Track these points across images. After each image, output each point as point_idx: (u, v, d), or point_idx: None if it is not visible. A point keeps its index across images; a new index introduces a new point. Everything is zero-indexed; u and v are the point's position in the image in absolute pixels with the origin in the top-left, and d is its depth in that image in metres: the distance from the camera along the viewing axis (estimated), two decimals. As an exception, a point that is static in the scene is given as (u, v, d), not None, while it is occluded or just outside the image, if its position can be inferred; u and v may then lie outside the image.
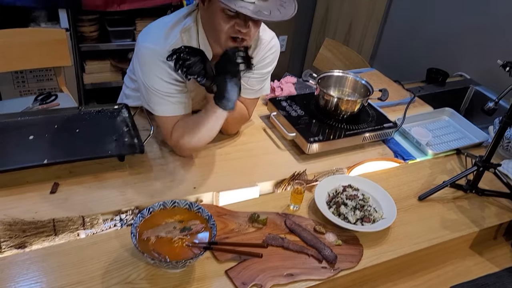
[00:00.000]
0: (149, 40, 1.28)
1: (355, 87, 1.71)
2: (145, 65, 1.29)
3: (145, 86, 1.32)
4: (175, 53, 1.19)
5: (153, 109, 1.35)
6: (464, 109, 2.19)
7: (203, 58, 1.22)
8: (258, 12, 1.12)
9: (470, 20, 2.28)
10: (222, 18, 1.19)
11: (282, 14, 1.17)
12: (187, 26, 1.30)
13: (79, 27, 2.75)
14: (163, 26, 1.30)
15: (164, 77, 1.28)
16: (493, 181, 1.44)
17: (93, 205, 1.19)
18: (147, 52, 1.28)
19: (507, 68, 1.25)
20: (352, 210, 1.24)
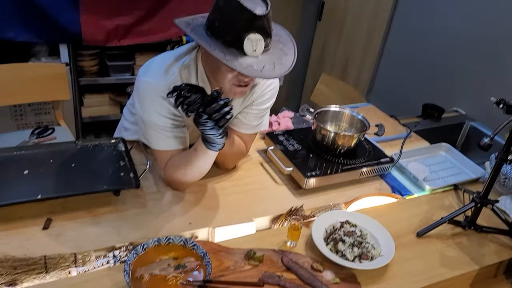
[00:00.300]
0: (149, 75, 1.30)
1: (352, 122, 1.72)
2: (144, 99, 1.30)
3: (143, 120, 1.32)
4: (175, 90, 1.20)
5: (150, 142, 1.36)
6: (461, 145, 2.20)
7: (203, 94, 1.23)
8: (264, 70, 1.13)
9: (465, 57, 2.33)
10: (226, 69, 1.20)
11: (285, 65, 1.19)
12: (187, 64, 1.32)
13: (79, 61, 2.80)
14: (163, 62, 1.32)
15: (163, 111, 1.29)
16: (491, 217, 1.43)
17: (86, 242, 1.17)
18: (146, 87, 1.29)
19: (501, 105, 1.26)
20: (350, 247, 1.22)
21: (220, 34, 1.14)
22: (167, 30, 2.82)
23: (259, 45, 1.14)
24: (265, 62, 1.16)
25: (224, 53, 1.12)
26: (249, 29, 1.11)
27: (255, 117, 1.48)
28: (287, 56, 1.22)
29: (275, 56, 1.19)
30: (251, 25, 1.10)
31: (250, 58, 1.14)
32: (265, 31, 1.13)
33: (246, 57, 1.14)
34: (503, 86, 2.11)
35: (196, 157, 1.28)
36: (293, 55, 1.23)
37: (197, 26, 1.20)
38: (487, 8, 2.17)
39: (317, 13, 3.35)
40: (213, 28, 1.15)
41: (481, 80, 2.24)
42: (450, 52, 2.40)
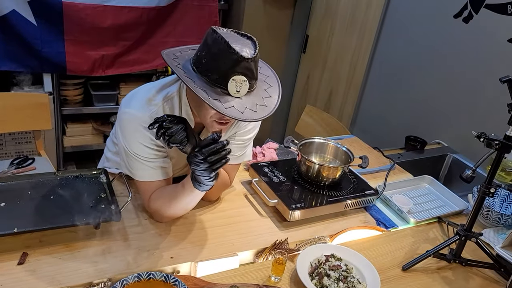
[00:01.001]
0: (131, 106, 1.29)
1: (336, 154, 1.73)
2: (126, 130, 1.29)
3: (125, 151, 1.31)
4: (156, 122, 1.19)
5: (133, 173, 1.34)
6: (443, 176, 2.22)
7: (185, 125, 1.22)
8: (245, 112, 1.13)
9: (446, 90, 2.38)
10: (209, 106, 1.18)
11: (268, 107, 1.19)
12: (170, 95, 1.31)
13: (63, 90, 2.78)
14: (146, 93, 1.32)
15: (145, 142, 1.28)
16: (475, 251, 1.43)
17: (62, 278, 1.12)
18: (128, 118, 1.28)
19: (482, 139, 1.28)
20: (335, 281, 1.20)
21: (206, 71, 1.14)
22: (152, 60, 2.83)
23: (244, 87, 1.14)
24: (248, 104, 1.15)
25: (208, 91, 1.12)
26: (235, 71, 1.11)
27: (238, 148, 1.47)
28: (271, 98, 1.22)
29: (259, 98, 1.19)
30: (237, 66, 1.10)
31: (233, 99, 1.14)
32: (251, 73, 1.14)
33: (229, 97, 1.13)
34: (484, 119, 2.16)
35: (183, 193, 1.26)
36: (277, 97, 1.23)
37: (184, 60, 1.20)
38: (468, 44, 2.24)
39: (301, 45, 3.42)
40: (200, 65, 1.15)
41: (463, 113, 2.29)
42: (432, 85, 2.46)
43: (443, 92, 2.40)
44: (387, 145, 2.23)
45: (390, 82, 2.74)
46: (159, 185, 1.34)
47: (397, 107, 2.70)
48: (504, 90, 1.24)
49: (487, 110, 2.16)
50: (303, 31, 3.39)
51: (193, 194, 1.25)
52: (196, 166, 1.14)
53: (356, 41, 2.92)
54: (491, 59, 2.13)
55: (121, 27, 2.58)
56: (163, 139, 1.19)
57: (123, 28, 2.60)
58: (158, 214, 1.36)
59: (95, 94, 2.86)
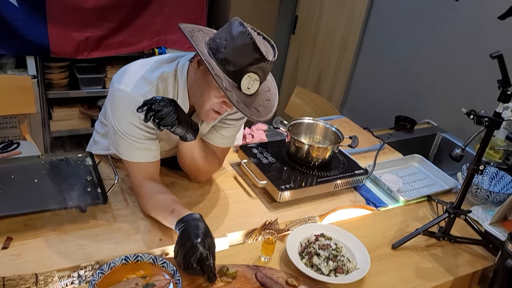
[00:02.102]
0: (124, 83, 1.25)
1: (326, 134, 1.71)
2: (118, 108, 1.25)
3: (114, 129, 1.27)
4: (145, 104, 1.16)
5: (121, 153, 1.31)
6: (433, 156, 2.23)
7: (176, 107, 1.20)
8: (252, 110, 1.16)
9: (435, 70, 2.37)
10: (215, 94, 1.20)
11: (268, 109, 1.23)
12: (166, 75, 1.28)
13: (47, 74, 2.71)
14: (139, 70, 1.28)
15: (135, 122, 1.25)
16: (464, 228, 1.44)
17: (49, 261, 1.11)
18: (121, 95, 1.24)
19: (471, 116, 1.27)
20: (325, 260, 1.20)
21: (223, 61, 1.13)
22: (139, 42, 2.78)
23: (254, 85, 1.16)
24: (253, 102, 1.18)
25: (224, 81, 1.12)
26: (252, 69, 1.12)
27: (229, 131, 1.45)
28: (270, 101, 1.26)
29: (261, 99, 1.22)
30: (257, 65, 1.12)
31: (242, 94, 1.15)
32: (264, 75, 1.17)
33: (240, 92, 1.14)
34: (474, 98, 2.16)
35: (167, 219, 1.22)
36: (275, 100, 1.28)
37: (198, 41, 1.17)
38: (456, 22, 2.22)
39: (290, 26, 3.38)
40: (218, 52, 1.13)
41: (452, 92, 2.28)
42: (422, 65, 2.45)
43: (433, 72, 2.39)
44: (377, 126, 2.22)
45: (380, 62, 2.73)
46: (146, 167, 1.32)
47: (387, 87, 2.69)
48: (493, 69, 1.23)
49: (476, 89, 2.15)
50: (292, 11, 3.34)
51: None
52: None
53: (346, 21, 2.88)
54: (481, 37, 2.12)
55: (105, 8, 2.52)
56: (152, 121, 1.17)
57: (107, 9, 2.53)
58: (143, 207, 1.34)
59: (81, 78, 2.80)
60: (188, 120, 1.25)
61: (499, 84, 1.21)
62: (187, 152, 1.35)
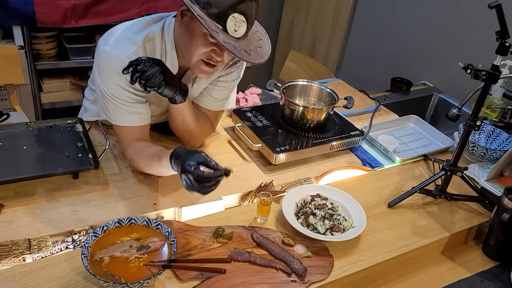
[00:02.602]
0: (109, 45, 1.21)
1: (320, 96, 1.68)
2: (104, 71, 1.22)
3: (103, 93, 1.24)
4: (131, 66, 1.13)
5: (111, 118, 1.28)
6: (429, 117, 2.21)
7: (162, 68, 1.16)
8: (241, 52, 1.13)
9: (431, 30, 2.32)
10: (202, 42, 1.16)
11: (260, 55, 1.20)
12: (152, 34, 1.24)
13: (35, 44, 2.64)
14: (125, 31, 1.24)
15: (123, 84, 1.22)
16: (461, 186, 1.43)
17: (42, 227, 1.09)
18: (107, 58, 1.21)
19: (468, 71, 1.24)
20: (321, 220, 1.19)
21: (205, 4, 1.09)
22: (128, 10, 2.70)
23: (241, 27, 1.12)
24: (243, 46, 1.15)
25: (209, 23, 1.08)
26: (237, 9, 1.09)
27: (221, 93, 1.42)
28: (262, 48, 1.22)
29: (252, 45, 1.19)
30: (240, 5, 1.09)
31: (230, 38, 1.11)
32: (250, 16, 1.13)
33: (227, 35, 1.11)
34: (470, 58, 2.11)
35: (159, 166, 1.19)
36: (267, 49, 1.24)
37: None
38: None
39: (284, -10, 3.29)
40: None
41: (448, 53, 2.24)
42: (417, 26, 2.39)
43: (429, 33, 2.34)
44: (373, 89, 2.19)
45: (375, 25, 2.67)
46: (136, 131, 1.29)
47: (382, 50, 2.64)
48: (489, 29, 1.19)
49: (472, 50, 2.11)
50: (285, -26, 3.25)
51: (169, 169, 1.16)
52: (185, 185, 1.05)
53: (340, -18, 2.81)
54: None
55: (91, -28, 2.43)
56: (139, 83, 1.14)
57: (93, -26, 2.45)
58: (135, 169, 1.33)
59: (69, 47, 2.73)
60: (177, 81, 1.21)
61: (497, 35, 1.17)
62: (177, 115, 1.32)
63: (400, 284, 1.18)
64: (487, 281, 1.21)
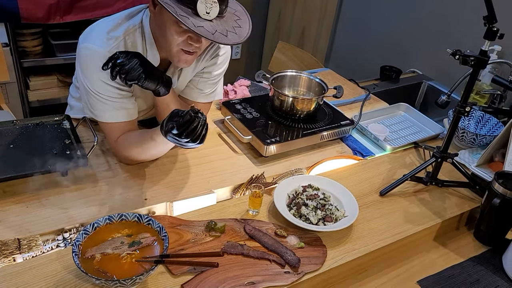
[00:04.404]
0: (90, 40, 1.19)
1: (310, 86, 1.68)
2: (87, 67, 1.20)
3: (86, 90, 1.22)
4: (110, 61, 1.12)
5: (96, 115, 1.26)
6: (419, 104, 2.22)
7: (142, 60, 1.15)
8: (216, 34, 1.08)
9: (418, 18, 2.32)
10: (176, 30, 1.13)
11: (238, 35, 1.14)
12: (132, 28, 1.22)
13: (20, 41, 2.60)
14: (105, 26, 1.22)
15: (106, 80, 1.20)
16: (451, 172, 1.44)
17: (31, 226, 1.08)
18: (88, 54, 1.19)
19: (457, 57, 1.24)
20: (313, 210, 1.19)
21: None
22: (113, 4, 2.65)
23: (214, 9, 1.08)
24: (218, 28, 1.10)
25: (176, 9, 1.05)
26: None
27: (207, 84, 1.41)
28: (241, 28, 1.17)
29: (229, 26, 1.14)
30: None
31: (203, 21, 1.08)
32: None
33: (199, 19, 1.07)
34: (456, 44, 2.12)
35: (154, 145, 1.19)
36: (247, 28, 1.19)
37: None
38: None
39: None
40: None
41: (437, 40, 2.24)
42: (405, 13, 2.39)
43: (417, 20, 2.33)
44: (363, 78, 2.19)
45: (363, 13, 2.66)
46: (124, 127, 1.28)
47: (371, 38, 2.64)
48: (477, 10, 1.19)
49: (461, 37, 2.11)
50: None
51: (167, 145, 1.18)
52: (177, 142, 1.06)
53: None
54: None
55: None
56: (119, 77, 1.12)
57: (77, -32, 2.41)
58: (126, 159, 1.31)
59: (55, 44, 2.69)
60: (158, 72, 1.20)
61: (485, 20, 1.17)
62: (164, 109, 1.30)
63: (394, 271, 1.19)
64: (479, 265, 1.22)
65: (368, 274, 1.17)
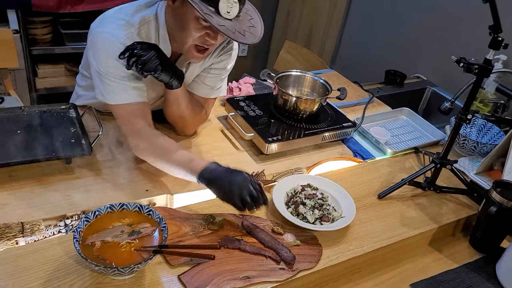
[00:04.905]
0: (105, 26, 1.21)
1: (314, 87, 1.69)
2: (102, 49, 1.20)
3: (99, 74, 1.21)
4: (127, 50, 1.14)
5: (107, 98, 1.24)
6: (422, 110, 2.23)
7: (159, 52, 1.18)
8: (236, 33, 1.12)
9: (426, 24, 2.33)
10: (194, 26, 1.16)
11: (254, 35, 1.18)
12: (147, 18, 1.24)
13: (30, 29, 2.63)
14: (119, 14, 1.23)
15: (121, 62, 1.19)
16: (450, 178, 1.45)
17: (35, 211, 1.11)
18: (104, 37, 1.19)
19: (461, 64, 1.25)
20: (311, 209, 1.21)
21: None
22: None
23: (234, 8, 1.11)
24: (236, 27, 1.13)
25: (201, 7, 1.07)
26: None
27: (214, 80, 1.43)
28: (255, 28, 1.20)
29: (245, 25, 1.17)
30: None
31: (224, 20, 1.11)
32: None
33: (221, 18, 1.10)
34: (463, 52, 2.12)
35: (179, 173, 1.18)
36: (260, 27, 1.22)
37: None
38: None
39: (280, -21, 3.28)
40: None
41: (443, 46, 2.25)
42: (413, 19, 2.40)
43: (423, 26, 2.34)
44: (368, 81, 2.20)
45: (371, 16, 2.67)
46: (138, 109, 1.25)
47: (378, 42, 2.65)
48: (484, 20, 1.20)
49: (466, 43, 2.12)
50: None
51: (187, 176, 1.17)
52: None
53: (337, -27, 2.80)
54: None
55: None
56: (135, 67, 1.14)
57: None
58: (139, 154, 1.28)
59: (65, 33, 2.72)
60: (172, 66, 1.22)
61: (490, 30, 1.18)
62: (173, 101, 1.33)
63: (388, 274, 1.20)
64: (473, 272, 1.23)
65: (362, 275, 1.19)
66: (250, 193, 1.08)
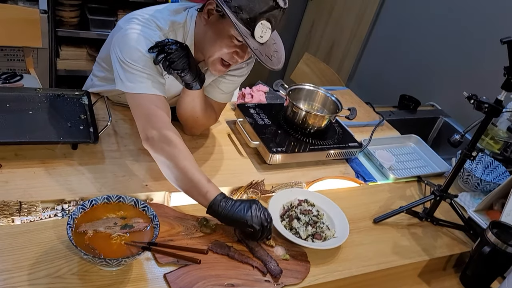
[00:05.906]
0: (136, 25, 1.23)
1: (325, 103, 1.70)
2: (130, 41, 1.20)
3: (125, 63, 1.20)
4: (157, 46, 1.16)
5: (129, 87, 1.21)
6: (432, 139, 2.21)
7: (188, 53, 1.21)
8: (265, 57, 1.18)
9: (446, 53, 2.32)
10: (227, 43, 1.20)
11: (278, 60, 1.25)
12: (177, 25, 1.27)
13: (59, 11, 2.68)
14: (150, 16, 1.26)
15: (147, 54, 1.20)
16: (449, 212, 1.44)
17: (34, 192, 1.13)
18: (135, 32, 1.21)
19: (472, 101, 1.25)
20: (304, 225, 1.21)
21: (237, 8, 1.12)
22: (153, -12, 2.72)
23: (267, 33, 1.16)
24: (265, 51, 1.18)
25: (240, 29, 1.12)
26: (266, 16, 1.13)
27: (228, 86, 1.45)
28: (278, 53, 1.27)
29: (272, 50, 1.23)
30: (270, 12, 1.13)
31: (256, 43, 1.16)
32: (275, 22, 1.17)
33: (254, 40, 1.15)
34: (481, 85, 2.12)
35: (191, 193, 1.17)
36: (282, 53, 1.29)
37: None
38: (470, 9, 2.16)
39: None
40: (232, 0, 1.13)
41: (460, 77, 2.24)
42: (432, 48, 2.39)
43: (443, 56, 2.34)
44: (382, 103, 2.20)
45: (393, 40, 2.67)
46: (156, 102, 1.22)
47: (396, 66, 2.65)
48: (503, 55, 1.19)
49: (484, 76, 2.11)
50: (312, -23, 3.25)
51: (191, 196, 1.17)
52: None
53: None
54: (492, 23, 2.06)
55: None
56: (163, 63, 1.17)
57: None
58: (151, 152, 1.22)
59: (91, 18, 2.77)
60: (197, 68, 1.25)
61: (505, 71, 1.18)
62: (189, 102, 1.35)
63: (372, 299, 1.20)
64: (458, 309, 1.23)
65: (346, 297, 1.19)
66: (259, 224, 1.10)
